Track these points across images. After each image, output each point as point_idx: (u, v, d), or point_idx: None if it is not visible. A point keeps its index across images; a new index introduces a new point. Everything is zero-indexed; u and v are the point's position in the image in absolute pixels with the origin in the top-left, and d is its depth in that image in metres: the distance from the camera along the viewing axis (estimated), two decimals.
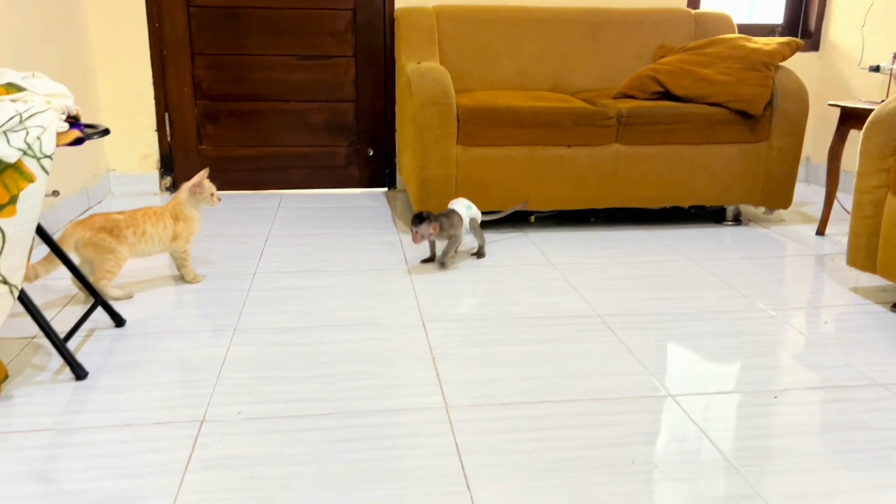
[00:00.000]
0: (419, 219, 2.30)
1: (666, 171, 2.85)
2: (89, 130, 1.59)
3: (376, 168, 3.60)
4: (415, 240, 2.32)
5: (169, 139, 3.40)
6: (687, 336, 1.89)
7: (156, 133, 3.36)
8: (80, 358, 1.70)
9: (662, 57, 3.20)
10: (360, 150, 3.57)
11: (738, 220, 3.06)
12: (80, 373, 1.60)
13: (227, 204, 3.27)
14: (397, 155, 3.54)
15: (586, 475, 1.28)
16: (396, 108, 3.50)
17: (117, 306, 2.02)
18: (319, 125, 3.51)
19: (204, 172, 2.18)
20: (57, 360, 1.69)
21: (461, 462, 1.32)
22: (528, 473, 1.29)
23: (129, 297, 2.13)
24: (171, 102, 3.36)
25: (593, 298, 2.14)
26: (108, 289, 2.07)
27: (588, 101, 2.98)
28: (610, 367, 1.70)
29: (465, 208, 2.48)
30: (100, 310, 1.95)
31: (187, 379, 1.61)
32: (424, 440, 1.39)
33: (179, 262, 2.24)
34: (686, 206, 2.98)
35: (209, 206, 2.22)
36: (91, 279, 1.97)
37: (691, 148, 2.85)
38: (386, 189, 3.64)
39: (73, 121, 1.59)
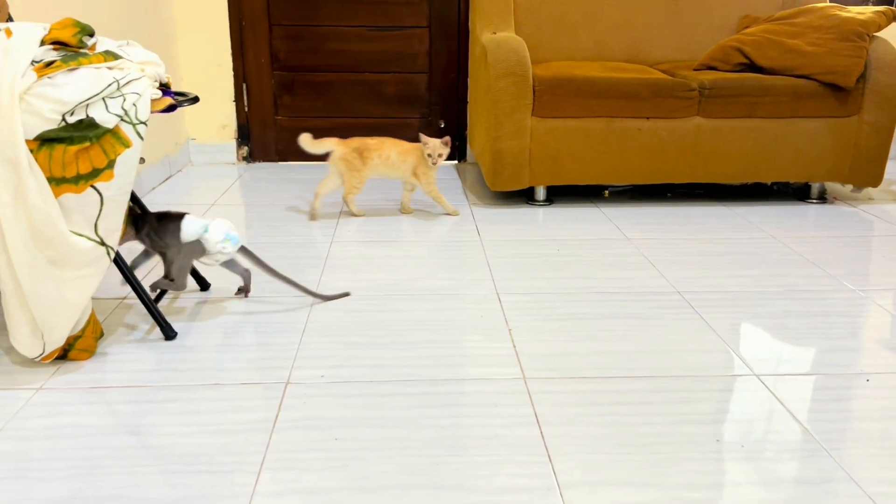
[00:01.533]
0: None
1: (749, 145, 2.75)
2: (180, 98, 1.63)
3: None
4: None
5: (246, 109, 3.46)
6: (771, 315, 1.84)
7: (234, 103, 3.43)
8: (169, 319, 1.76)
9: (746, 27, 3.08)
10: (432, 121, 3.57)
11: (823, 197, 2.94)
12: (169, 333, 1.66)
13: (302, 174, 3.32)
14: (469, 127, 3.53)
15: (668, 451, 1.27)
16: (469, 79, 3.47)
17: (202, 270, 2.08)
18: (392, 96, 3.52)
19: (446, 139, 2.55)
20: (147, 321, 1.76)
21: (541, 433, 1.32)
22: (608, 447, 1.28)
23: (362, 215, 2.64)
24: (249, 73, 3.41)
25: (672, 274, 2.09)
26: (351, 204, 2.63)
27: (668, 73, 2.90)
28: (691, 344, 1.67)
29: (202, 229, 1.75)
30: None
31: (271, 342, 1.65)
32: (503, 410, 1.39)
33: (435, 200, 2.67)
34: (768, 182, 2.89)
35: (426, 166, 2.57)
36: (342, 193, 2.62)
37: (776, 122, 2.74)
38: (456, 161, 3.63)
39: (164, 88, 1.63)
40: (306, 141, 2.59)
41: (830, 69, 2.67)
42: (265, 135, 3.51)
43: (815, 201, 2.92)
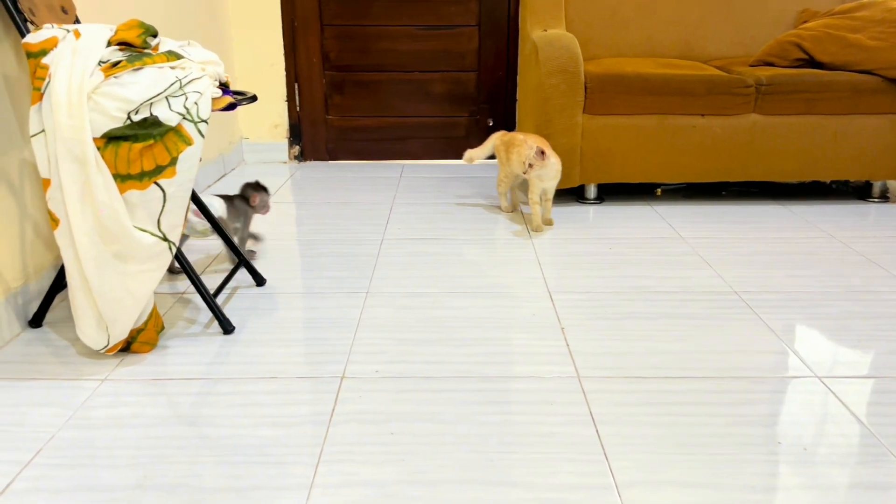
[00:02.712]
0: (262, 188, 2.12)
1: (807, 142, 2.69)
2: (239, 97, 1.66)
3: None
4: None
5: (298, 109, 3.51)
6: (832, 316, 1.79)
7: (286, 103, 3.48)
8: (227, 313, 1.80)
9: (805, 22, 3.01)
10: (480, 120, 3.57)
11: (885, 196, 2.85)
12: (227, 327, 1.70)
13: (352, 173, 3.36)
14: (517, 126, 3.51)
15: (728, 452, 1.25)
16: (518, 77, 3.46)
17: (259, 266, 2.12)
18: (441, 95, 3.53)
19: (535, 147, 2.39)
20: (206, 315, 1.80)
21: (597, 431, 1.30)
22: (666, 447, 1.26)
23: (508, 211, 2.66)
24: (301, 73, 3.46)
25: (728, 274, 2.06)
26: (500, 197, 2.69)
27: (722, 69, 2.85)
28: (750, 345, 1.64)
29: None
30: (243, 270, 2.05)
31: (326, 337, 1.67)
32: (558, 408, 1.38)
33: (530, 208, 2.51)
34: (827, 180, 2.81)
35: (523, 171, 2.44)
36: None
37: (836, 118, 2.67)
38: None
39: (224, 87, 1.67)
40: (470, 154, 2.67)
41: (894, 64, 2.58)
42: (316, 134, 3.56)
43: (876, 200, 2.83)
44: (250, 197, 2.09)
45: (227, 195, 2.07)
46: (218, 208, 1.99)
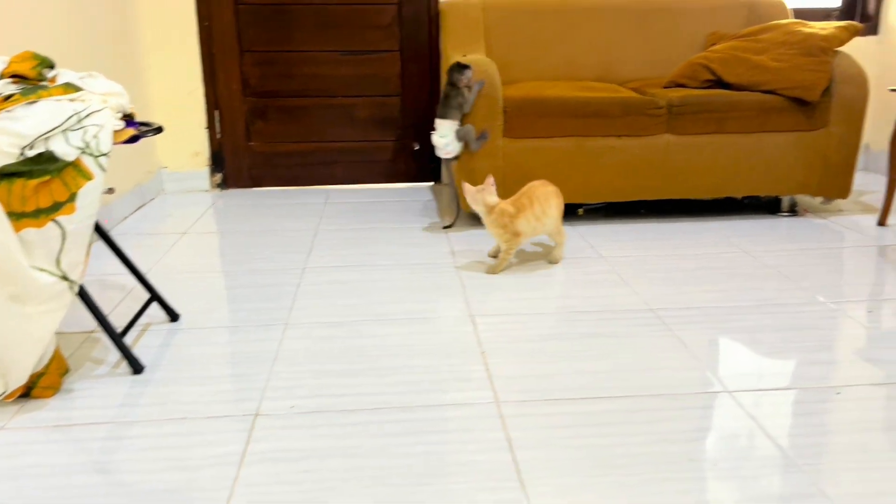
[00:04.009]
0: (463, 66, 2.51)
1: (719, 160, 2.78)
2: (143, 128, 1.62)
3: (422, 162, 3.60)
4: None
5: (219, 136, 3.44)
6: (743, 330, 1.84)
7: (206, 130, 3.42)
8: (137, 352, 1.74)
9: (714, 44, 3.12)
10: (406, 144, 3.57)
11: (794, 210, 2.97)
12: (136, 367, 1.63)
13: (276, 199, 3.31)
14: None
15: (643, 472, 1.26)
16: None
17: (174, 300, 2.05)
18: (365, 120, 3.52)
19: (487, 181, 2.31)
20: (115, 354, 1.73)
21: (514, 458, 1.30)
22: (582, 470, 1.27)
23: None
24: (221, 100, 3.40)
25: (646, 292, 2.10)
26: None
27: (637, 91, 2.93)
28: (664, 362, 1.67)
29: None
30: (155, 304, 1.99)
31: (241, 372, 1.63)
32: (476, 435, 1.38)
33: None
34: (740, 196, 2.91)
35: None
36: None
37: (745, 137, 2.77)
38: (432, 183, 3.63)
39: (128, 119, 1.62)
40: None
41: (795, 84, 2.70)
42: (238, 161, 3.50)
43: (786, 214, 2.95)
44: (460, 79, 2.51)
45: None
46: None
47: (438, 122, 2.63)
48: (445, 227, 2.45)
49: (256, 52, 3.37)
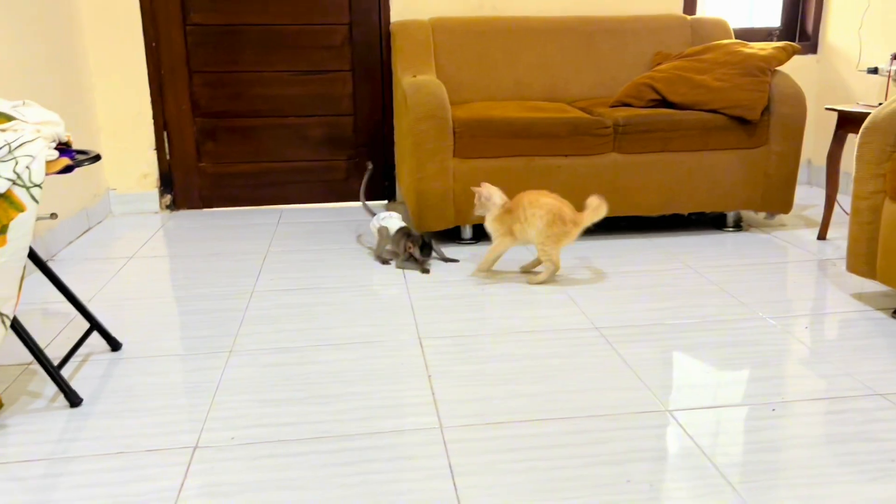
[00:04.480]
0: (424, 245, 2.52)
1: (665, 178, 2.84)
2: (80, 157, 1.60)
3: (376, 181, 3.60)
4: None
5: (168, 157, 3.41)
6: (685, 347, 1.88)
7: (155, 152, 3.38)
8: (76, 383, 1.70)
9: (659, 64, 3.19)
10: (360, 163, 3.57)
11: (738, 225, 3.04)
12: (74, 400, 1.60)
13: (227, 220, 3.28)
14: (396, 167, 3.54)
15: (581, 495, 1.27)
16: (394, 120, 3.50)
17: (116, 328, 2.02)
18: (318, 139, 3.52)
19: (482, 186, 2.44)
20: (52, 387, 1.69)
21: (454, 484, 1.31)
22: (521, 494, 1.28)
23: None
24: (170, 121, 3.37)
25: (591, 310, 2.13)
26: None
27: (585, 111, 2.97)
28: (606, 382, 1.69)
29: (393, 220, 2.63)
30: (96, 333, 1.95)
31: (182, 403, 1.61)
32: (418, 462, 1.38)
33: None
34: (686, 213, 2.97)
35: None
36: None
37: (690, 155, 2.84)
38: (386, 201, 3.63)
39: (64, 147, 1.60)
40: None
41: (736, 103, 2.78)
42: (188, 182, 3.46)
43: (731, 229, 3.02)
44: (411, 244, 2.50)
45: (404, 227, 2.57)
46: (392, 225, 2.57)
47: (386, 217, 2.64)
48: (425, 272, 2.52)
49: (206, 72, 3.35)
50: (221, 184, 3.49)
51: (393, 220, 2.62)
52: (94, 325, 1.86)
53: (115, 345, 1.89)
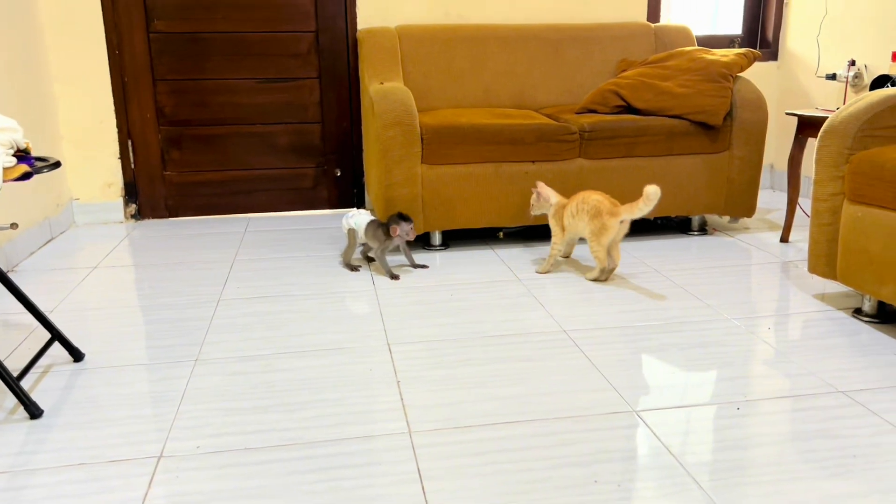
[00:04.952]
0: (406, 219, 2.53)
1: (630, 183, 2.87)
2: (39, 164, 1.57)
3: (344, 188, 3.59)
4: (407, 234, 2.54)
5: (133, 166, 3.36)
6: (652, 349, 1.90)
7: (119, 161, 3.33)
8: (37, 395, 1.67)
9: (624, 71, 3.24)
10: (328, 170, 3.56)
11: (703, 229, 3.08)
12: (34, 411, 1.57)
13: (193, 229, 3.24)
14: (365, 175, 3.54)
15: (549, 497, 1.28)
16: (362, 128, 3.49)
17: (78, 339, 1.98)
18: (285, 147, 3.50)
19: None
20: (12, 399, 1.65)
21: (423, 488, 1.30)
22: (489, 497, 1.28)
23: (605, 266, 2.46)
24: (134, 129, 3.33)
25: (560, 313, 2.14)
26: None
27: (551, 117, 3.00)
28: (574, 384, 1.70)
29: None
30: (58, 344, 1.92)
31: (146, 413, 1.58)
32: (386, 468, 1.37)
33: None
34: (652, 217, 3.00)
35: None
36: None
37: (654, 160, 2.87)
38: (355, 210, 3.62)
39: (22, 154, 1.57)
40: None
41: (699, 109, 2.82)
42: (154, 191, 3.42)
43: (696, 233, 3.06)
44: (391, 228, 2.47)
45: (374, 219, 2.56)
46: (361, 223, 2.56)
47: (354, 215, 2.63)
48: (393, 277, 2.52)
49: (170, 80, 3.32)
50: (187, 193, 3.46)
51: (362, 217, 2.61)
52: (56, 336, 1.82)
53: (77, 355, 1.86)
